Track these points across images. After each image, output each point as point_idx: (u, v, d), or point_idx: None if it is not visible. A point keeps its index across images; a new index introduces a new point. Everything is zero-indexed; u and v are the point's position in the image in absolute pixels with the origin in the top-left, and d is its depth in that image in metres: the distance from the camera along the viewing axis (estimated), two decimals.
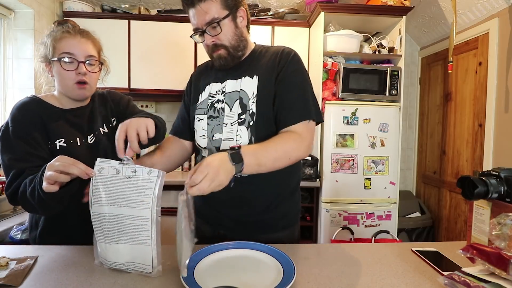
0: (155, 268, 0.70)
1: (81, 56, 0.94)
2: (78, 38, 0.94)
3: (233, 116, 0.96)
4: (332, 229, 2.14)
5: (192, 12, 0.92)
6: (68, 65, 0.93)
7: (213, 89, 1.02)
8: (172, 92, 2.46)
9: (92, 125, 1.02)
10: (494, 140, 2.05)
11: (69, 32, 0.94)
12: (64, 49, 0.92)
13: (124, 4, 2.58)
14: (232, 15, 0.93)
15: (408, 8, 2.22)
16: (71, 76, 0.94)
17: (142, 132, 0.77)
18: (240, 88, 0.97)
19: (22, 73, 2.13)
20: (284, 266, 0.73)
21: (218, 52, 0.96)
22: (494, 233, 0.65)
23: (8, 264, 0.75)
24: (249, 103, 0.94)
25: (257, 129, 0.93)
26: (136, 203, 0.69)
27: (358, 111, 2.18)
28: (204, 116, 1.01)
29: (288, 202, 1.03)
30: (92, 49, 0.97)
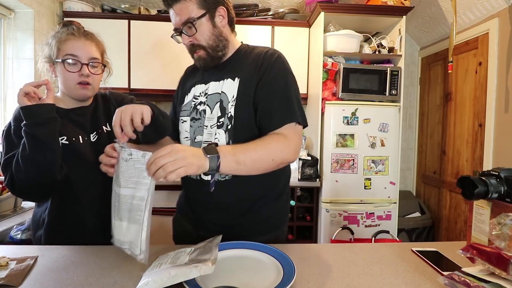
0: (143, 252, 0.71)
1: (85, 58, 0.96)
2: (82, 41, 0.96)
3: (213, 119, 0.94)
4: (332, 229, 2.14)
5: (171, 12, 0.91)
6: (72, 66, 0.95)
7: (197, 91, 1.01)
8: (172, 92, 2.44)
9: (95, 124, 1.04)
10: (494, 140, 2.05)
11: (74, 34, 0.96)
12: (68, 51, 0.94)
13: (124, 4, 2.58)
14: (210, 15, 0.91)
15: (408, 8, 2.22)
16: (74, 77, 0.96)
17: (136, 118, 0.76)
18: (222, 90, 0.95)
19: (22, 73, 2.13)
20: (284, 266, 0.73)
21: (198, 53, 0.95)
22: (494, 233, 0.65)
23: (8, 264, 0.75)
24: (228, 106, 0.92)
25: (235, 133, 0.91)
26: (136, 184, 0.72)
27: (358, 111, 2.18)
28: (187, 118, 1.00)
29: (272, 206, 0.99)
30: (96, 51, 0.99)
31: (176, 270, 0.64)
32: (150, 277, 0.65)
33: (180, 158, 0.69)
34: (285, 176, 1.05)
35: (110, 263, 0.79)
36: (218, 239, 0.78)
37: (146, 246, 0.72)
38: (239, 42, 1.04)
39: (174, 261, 0.69)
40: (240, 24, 2.45)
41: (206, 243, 0.77)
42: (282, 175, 1.01)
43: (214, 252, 0.70)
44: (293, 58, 2.50)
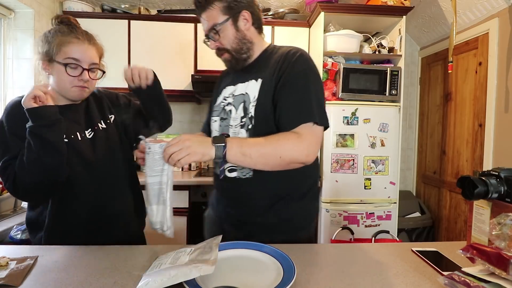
0: (169, 228, 0.82)
1: (86, 63, 0.95)
2: (85, 45, 0.95)
3: (237, 119, 0.98)
4: (332, 229, 2.14)
5: (201, 20, 0.97)
6: (73, 71, 0.94)
7: (227, 92, 1.05)
8: (172, 92, 2.46)
9: (89, 121, 1.04)
10: (494, 140, 2.05)
11: (78, 38, 0.94)
12: (71, 54, 0.93)
13: (124, 4, 2.58)
14: (233, 19, 0.94)
15: (408, 8, 2.22)
16: (72, 80, 0.94)
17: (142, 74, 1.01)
18: (246, 91, 0.98)
19: (22, 73, 2.13)
20: (284, 266, 0.73)
21: (223, 56, 0.99)
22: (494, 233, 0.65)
23: (8, 264, 0.75)
24: (250, 106, 0.95)
25: (255, 133, 0.93)
26: (158, 172, 0.82)
27: (358, 111, 2.18)
28: (217, 118, 1.05)
29: (295, 206, 0.99)
30: (96, 56, 0.99)
31: (176, 270, 0.64)
32: (150, 277, 0.65)
33: (186, 147, 0.77)
34: (311, 176, 1.03)
35: (110, 263, 0.79)
36: (218, 239, 0.78)
37: (171, 222, 0.82)
38: (267, 43, 1.05)
39: (174, 261, 0.69)
40: None
41: (206, 243, 0.77)
42: (307, 175, 1.00)
43: (214, 252, 0.70)
44: None
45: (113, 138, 1.06)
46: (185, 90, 2.45)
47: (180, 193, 2.19)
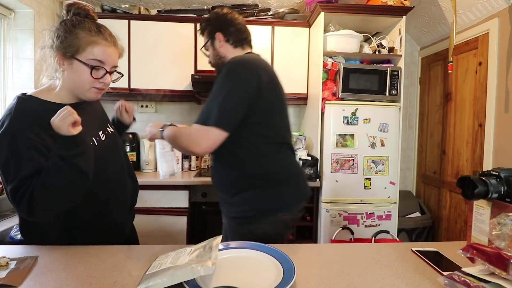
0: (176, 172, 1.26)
1: (109, 66, 0.93)
2: (112, 48, 0.93)
3: None
4: (332, 229, 2.14)
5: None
6: (96, 72, 0.90)
7: None
8: (172, 92, 2.46)
9: (101, 121, 1.04)
10: (494, 140, 2.05)
11: (106, 40, 0.91)
12: (97, 56, 0.88)
13: (124, 4, 2.58)
14: (211, 41, 1.25)
15: (408, 8, 2.22)
16: (93, 82, 0.90)
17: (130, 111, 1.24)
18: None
19: (22, 73, 2.13)
20: (284, 266, 0.73)
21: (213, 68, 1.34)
22: (494, 233, 0.65)
23: (8, 264, 0.75)
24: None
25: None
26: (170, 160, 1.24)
27: (358, 111, 2.18)
28: None
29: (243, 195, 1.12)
30: (117, 59, 0.97)
31: (176, 271, 0.64)
32: (150, 277, 0.65)
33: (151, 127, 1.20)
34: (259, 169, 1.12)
35: (110, 263, 0.79)
36: (218, 239, 0.78)
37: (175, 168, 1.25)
38: (235, 56, 1.19)
39: (174, 261, 0.69)
40: None
41: (206, 243, 0.77)
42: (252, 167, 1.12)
43: (214, 252, 0.70)
44: (293, 58, 2.50)
45: (119, 143, 1.10)
46: (185, 90, 2.45)
47: (180, 193, 2.19)
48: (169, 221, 2.16)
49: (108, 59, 0.91)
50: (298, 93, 2.53)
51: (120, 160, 1.06)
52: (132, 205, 1.15)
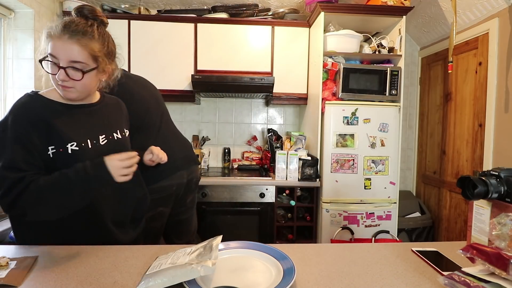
0: None
1: (64, 61, 0.84)
2: (63, 40, 0.83)
3: None
4: (332, 229, 2.14)
5: None
6: (51, 68, 0.85)
7: None
8: (172, 92, 2.46)
9: (106, 125, 0.99)
10: (494, 140, 2.05)
11: (57, 32, 0.83)
12: (50, 50, 0.84)
13: (124, 4, 2.58)
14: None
15: (408, 8, 2.22)
16: (53, 78, 0.87)
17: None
18: None
19: (22, 73, 2.13)
20: (284, 266, 0.73)
21: None
22: (494, 233, 0.65)
23: (8, 264, 0.75)
24: None
25: None
26: None
27: (358, 111, 2.18)
28: None
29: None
30: (80, 54, 0.85)
31: (176, 271, 0.64)
32: (150, 277, 0.65)
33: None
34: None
35: (110, 263, 0.79)
36: (218, 239, 0.78)
37: None
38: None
39: (174, 261, 0.69)
40: (240, 24, 2.45)
41: (206, 243, 0.77)
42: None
43: (214, 252, 0.70)
44: (293, 58, 2.50)
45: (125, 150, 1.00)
46: (185, 90, 2.45)
47: None
48: None
49: (58, 52, 0.83)
50: (298, 93, 2.53)
51: None
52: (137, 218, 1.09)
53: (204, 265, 0.64)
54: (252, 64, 2.47)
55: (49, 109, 0.89)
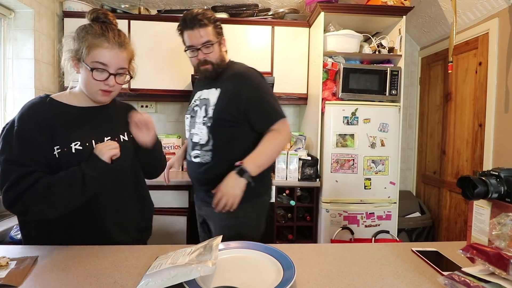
0: None
1: (113, 69, 0.93)
2: (115, 50, 0.92)
3: (200, 117, 1.29)
4: (332, 229, 2.14)
5: (190, 33, 1.22)
6: (99, 75, 0.91)
7: (196, 96, 1.38)
8: (172, 92, 2.46)
9: (112, 127, 1.00)
10: (494, 140, 2.05)
11: (108, 41, 0.91)
12: (99, 59, 0.90)
13: (124, 4, 2.58)
14: (219, 41, 1.27)
15: (408, 8, 2.22)
16: (98, 84, 0.92)
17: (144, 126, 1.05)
18: (208, 96, 1.29)
19: (22, 73, 2.12)
20: (284, 266, 0.73)
21: (206, 66, 1.26)
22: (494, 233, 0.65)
23: (8, 264, 0.75)
24: (209, 109, 1.26)
25: (213, 131, 1.25)
26: None
27: (358, 111, 2.18)
28: (188, 115, 1.38)
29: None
30: (125, 61, 0.96)
31: (176, 271, 0.64)
32: (150, 277, 0.65)
33: (225, 197, 1.11)
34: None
35: (110, 263, 0.79)
36: (218, 239, 0.78)
37: None
38: (228, 60, 1.35)
39: (174, 261, 0.69)
40: (240, 24, 2.45)
41: (206, 243, 0.77)
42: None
43: (214, 252, 0.70)
44: (293, 58, 2.50)
45: (128, 154, 1.02)
46: (185, 90, 2.45)
47: (180, 193, 2.19)
48: (169, 221, 2.16)
49: (110, 61, 0.91)
50: (298, 93, 2.53)
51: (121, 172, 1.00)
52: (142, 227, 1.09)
53: (204, 265, 0.64)
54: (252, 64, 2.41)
55: (58, 112, 0.92)
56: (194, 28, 1.20)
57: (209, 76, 1.29)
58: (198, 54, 1.24)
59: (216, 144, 1.26)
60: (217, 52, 1.26)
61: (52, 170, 0.87)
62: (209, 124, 1.25)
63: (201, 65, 1.26)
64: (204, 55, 1.24)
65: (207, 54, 1.24)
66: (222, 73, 1.29)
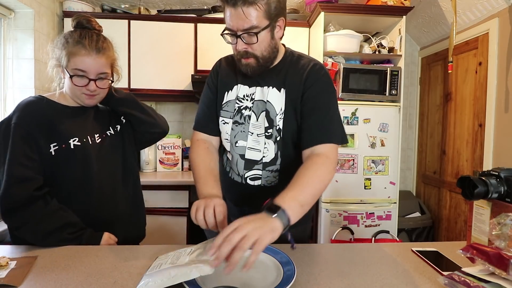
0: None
1: (93, 74, 0.94)
2: (93, 56, 0.92)
3: (260, 127, 0.96)
4: (332, 229, 2.14)
5: (231, 12, 0.85)
6: (79, 80, 0.94)
7: (241, 92, 0.99)
8: (172, 92, 2.46)
9: (99, 124, 1.04)
10: (494, 140, 2.05)
11: (85, 48, 0.92)
12: (77, 66, 0.92)
13: (124, 4, 2.58)
14: (271, 26, 0.88)
15: (408, 8, 2.22)
16: (80, 89, 0.95)
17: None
18: (267, 99, 0.96)
19: (22, 73, 2.12)
20: (284, 266, 0.73)
21: (248, 60, 0.92)
22: (494, 233, 0.65)
23: (8, 264, 0.75)
24: (276, 118, 0.94)
25: (283, 146, 0.96)
26: None
27: (358, 111, 2.18)
28: (230, 120, 1.00)
29: None
30: (105, 65, 0.96)
31: (176, 271, 0.64)
32: (150, 277, 0.65)
33: (250, 234, 0.62)
34: None
35: (110, 263, 0.79)
36: None
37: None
38: (283, 48, 1.02)
39: (174, 262, 0.69)
40: None
41: (206, 243, 0.77)
42: None
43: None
44: None
45: (118, 146, 1.07)
46: (185, 90, 2.45)
47: (180, 193, 2.19)
48: (169, 221, 2.16)
49: (89, 68, 0.93)
50: None
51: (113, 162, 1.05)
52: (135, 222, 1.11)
53: (204, 265, 0.64)
54: None
55: (52, 109, 0.96)
56: (237, 5, 0.83)
57: (253, 73, 0.95)
58: (238, 42, 0.88)
59: (284, 163, 0.97)
60: (266, 42, 0.89)
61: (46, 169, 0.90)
62: (278, 138, 0.95)
63: (242, 58, 0.92)
64: (245, 45, 0.89)
65: (249, 44, 0.88)
66: (282, 67, 0.98)
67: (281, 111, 0.94)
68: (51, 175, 0.92)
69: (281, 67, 0.98)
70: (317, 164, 0.85)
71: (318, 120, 0.91)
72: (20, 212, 0.86)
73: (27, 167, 0.87)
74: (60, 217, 0.89)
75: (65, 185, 0.94)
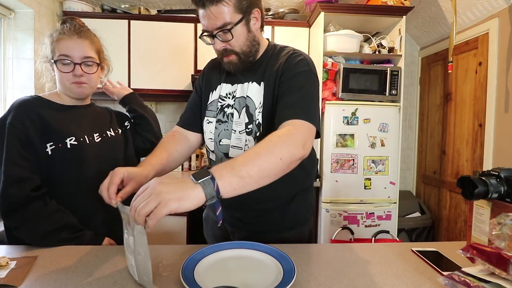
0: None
1: (77, 58, 0.94)
2: (74, 39, 0.94)
3: (241, 124, 0.93)
4: (332, 229, 2.14)
5: (202, 13, 0.84)
6: (65, 67, 0.94)
7: (223, 91, 0.98)
8: (172, 92, 2.46)
9: (98, 125, 1.04)
10: (494, 140, 2.05)
11: (65, 33, 0.93)
12: (62, 51, 0.93)
13: (124, 4, 2.58)
14: (245, 19, 0.86)
15: (408, 8, 2.22)
16: (68, 77, 0.95)
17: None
18: (247, 94, 0.93)
19: (22, 73, 2.12)
20: (284, 266, 0.73)
21: (229, 57, 0.90)
22: (494, 233, 0.65)
23: (8, 264, 0.75)
24: (255, 112, 0.91)
25: None
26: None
27: (358, 111, 2.18)
28: (213, 119, 0.98)
29: (299, 201, 1.01)
30: (90, 50, 0.96)
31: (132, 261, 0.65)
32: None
33: (155, 195, 0.56)
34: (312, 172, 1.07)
35: (110, 263, 0.79)
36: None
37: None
38: (266, 41, 0.99)
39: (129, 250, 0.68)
40: None
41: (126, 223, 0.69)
42: (309, 171, 1.02)
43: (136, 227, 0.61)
44: None
45: (119, 147, 1.07)
46: (185, 90, 2.45)
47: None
48: (169, 221, 2.16)
49: (72, 51, 0.93)
50: None
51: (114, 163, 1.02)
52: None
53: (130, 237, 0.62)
54: None
55: (48, 108, 0.95)
56: (206, 6, 0.82)
57: (236, 70, 0.93)
58: (215, 42, 0.88)
59: None
60: (242, 36, 0.87)
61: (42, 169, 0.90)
62: (258, 133, 0.90)
63: (223, 56, 0.91)
64: (223, 43, 0.87)
65: (226, 42, 0.86)
66: (263, 61, 0.95)
67: (260, 104, 0.90)
68: (48, 174, 0.91)
69: (262, 60, 0.95)
70: (275, 136, 0.74)
71: (288, 100, 0.84)
72: (18, 213, 0.85)
73: (23, 167, 0.86)
74: (58, 218, 0.89)
75: (62, 185, 0.93)
